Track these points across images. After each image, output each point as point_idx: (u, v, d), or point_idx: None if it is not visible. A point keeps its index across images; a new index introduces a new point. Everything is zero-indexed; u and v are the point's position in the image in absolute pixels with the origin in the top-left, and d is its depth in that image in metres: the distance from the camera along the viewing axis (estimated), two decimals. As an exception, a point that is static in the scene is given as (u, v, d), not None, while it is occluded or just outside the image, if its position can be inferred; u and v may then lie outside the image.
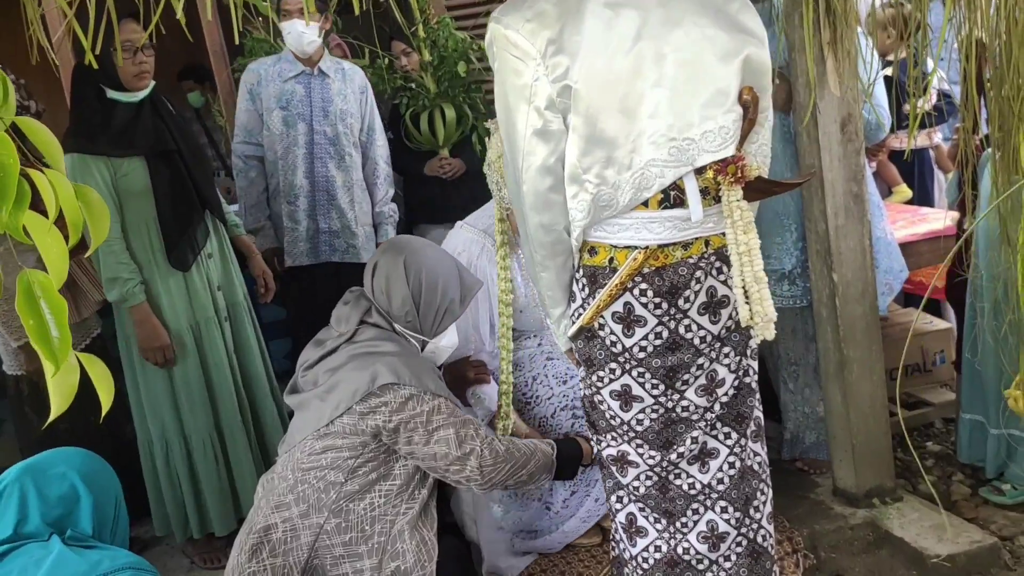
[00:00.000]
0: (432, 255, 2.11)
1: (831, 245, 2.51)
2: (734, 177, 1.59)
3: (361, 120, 3.48)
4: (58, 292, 2.63)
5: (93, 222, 0.90)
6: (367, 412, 1.88)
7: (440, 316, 2.08)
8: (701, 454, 1.80)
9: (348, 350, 1.98)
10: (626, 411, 1.77)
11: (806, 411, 2.93)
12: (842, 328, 2.55)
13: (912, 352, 3.28)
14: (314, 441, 1.92)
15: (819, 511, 2.67)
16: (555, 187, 1.65)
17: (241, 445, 2.83)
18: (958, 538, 2.43)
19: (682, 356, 1.72)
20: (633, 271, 1.66)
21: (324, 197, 3.40)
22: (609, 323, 1.71)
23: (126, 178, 2.59)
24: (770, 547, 1.88)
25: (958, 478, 2.90)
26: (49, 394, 0.85)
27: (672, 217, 1.64)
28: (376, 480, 1.92)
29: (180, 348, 2.71)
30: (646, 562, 1.84)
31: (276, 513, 1.90)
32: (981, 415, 2.79)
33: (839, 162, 2.47)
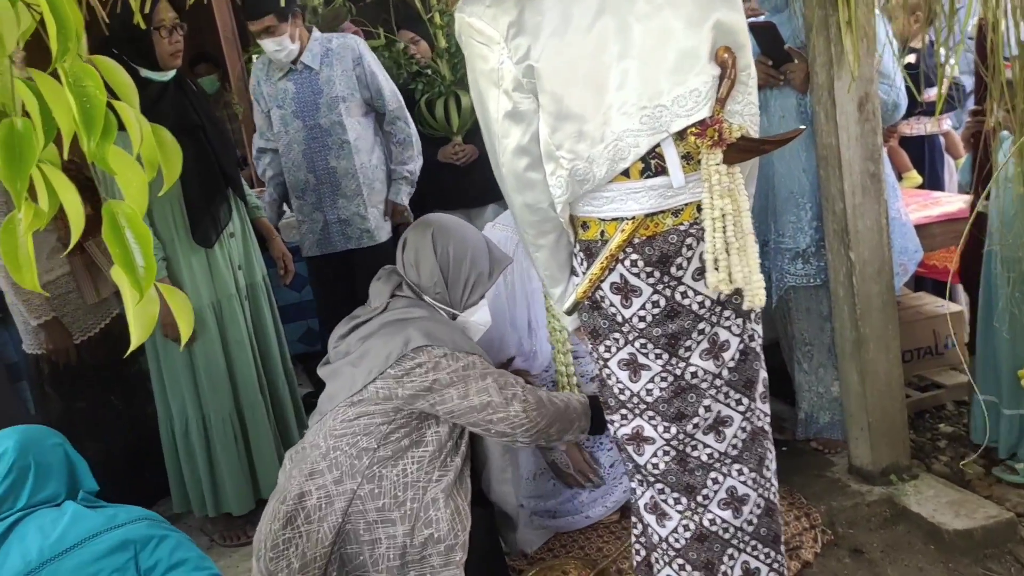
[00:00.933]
0: (460, 229, 2.15)
1: (848, 224, 2.53)
2: (712, 140, 1.59)
3: (363, 90, 3.43)
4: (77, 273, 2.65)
5: (167, 161, 0.92)
6: (402, 375, 1.91)
7: (469, 288, 2.11)
8: (716, 423, 1.81)
9: (380, 319, 2.01)
10: (635, 381, 1.78)
11: (820, 391, 2.95)
12: (859, 307, 2.58)
13: (924, 335, 3.31)
14: (347, 408, 1.95)
15: (835, 489, 2.70)
16: (533, 166, 1.68)
17: (261, 424, 2.86)
18: (975, 513, 2.46)
19: (682, 323, 1.72)
20: (622, 242, 1.67)
21: (328, 189, 3.42)
22: (608, 294, 1.73)
23: None
24: (777, 502, 1.91)
25: (971, 458, 2.92)
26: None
27: (655, 186, 1.65)
28: (408, 447, 1.94)
29: (202, 325, 2.73)
30: (677, 542, 1.85)
31: (310, 480, 1.92)
32: (995, 396, 2.81)
33: (856, 141, 2.49)
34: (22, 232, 0.79)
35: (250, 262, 2.92)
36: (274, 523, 1.91)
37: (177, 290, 0.92)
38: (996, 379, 2.79)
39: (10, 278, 2.67)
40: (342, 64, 3.41)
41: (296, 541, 1.87)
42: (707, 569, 1.83)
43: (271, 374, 2.97)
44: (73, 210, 0.81)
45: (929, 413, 3.26)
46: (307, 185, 3.42)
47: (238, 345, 2.81)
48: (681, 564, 1.85)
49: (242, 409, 2.84)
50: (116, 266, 0.81)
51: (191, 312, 0.92)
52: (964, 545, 2.39)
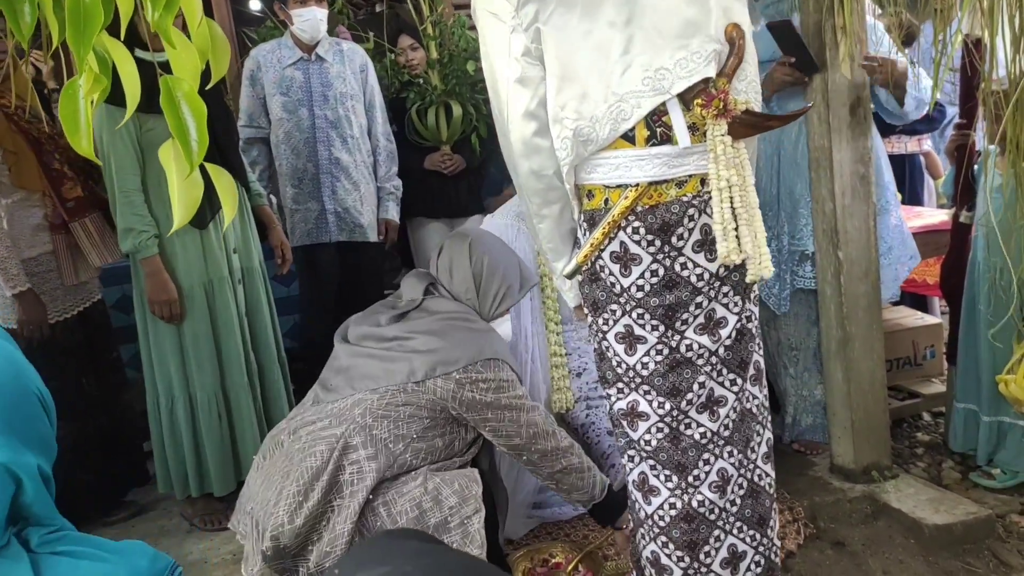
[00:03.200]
0: (496, 243, 2.24)
1: (837, 224, 2.60)
2: (718, 111, 1.64)
3: (364, 99, 3.56)
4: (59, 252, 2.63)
5: (215, 54, 0.95)
6: (466, 383, 1.95)
7: (499, 299, 2.17)
8: (709, 402, 1.83)
9: (441, 316, 2.06)
10: (631, 354, 1.80)
11: (804, 394, 3.00)
12: (845, 306, 2.63)
13: (903, 346, 3.37)
14: (398, 393, 1.95)
15: (818, 486, 2.73)
16: (540, 132, 1.73)
17: (245, 407, 2.85)
18: (954, 509, 2.50)
19: (679, 294, 1.75)
20: (625, 209, 1.71)
21: (329, 179, 3.46)
22: (608, 263, 1.76)
23: (151, 132, 2.63)
24: (768, 486, 1.93)
25: (949, 464, 2.97)
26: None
27: (660, 154, 1.69)
28: (440, 448, 1.99)
29: (191, 305, 2.74)
30: (662, 520, 1.86)
31: (344, 455, 1.89)
32: (974, 404, 2.87)
33: (848, 144, 2.57)
34: (82, 96, 0.81)
35: (247, 247, 2.92)
36: (305, 501, 1.84)
37: (223, 171, 0.94)
38: (976, 387, 2.85)
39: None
40: (351, 66, 3.53)
41: (329, 516, 1.85)
42: (690, 549, 1.84)
43: (262, 359, 2.96)
44: (130, 81, 0.83)
45: (907, 422, 3.32)
46: (305, 174, 3.44)
47: (227, 327, 2.81)
48: (664, 542, 1.86)
49: (228, 390, 2.83)
50: (165, 144, 0.82)
51: (236, 194, 0.94)
52: (943, 540, 2.43)
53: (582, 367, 2.69)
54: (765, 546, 1.93)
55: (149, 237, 2.65)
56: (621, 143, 1.70)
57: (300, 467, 1.88)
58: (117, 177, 2.62)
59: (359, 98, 3.52)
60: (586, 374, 2.71)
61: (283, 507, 1.83)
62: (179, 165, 0.84)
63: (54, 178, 2.75)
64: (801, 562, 2.43)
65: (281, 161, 3.49)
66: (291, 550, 1.85)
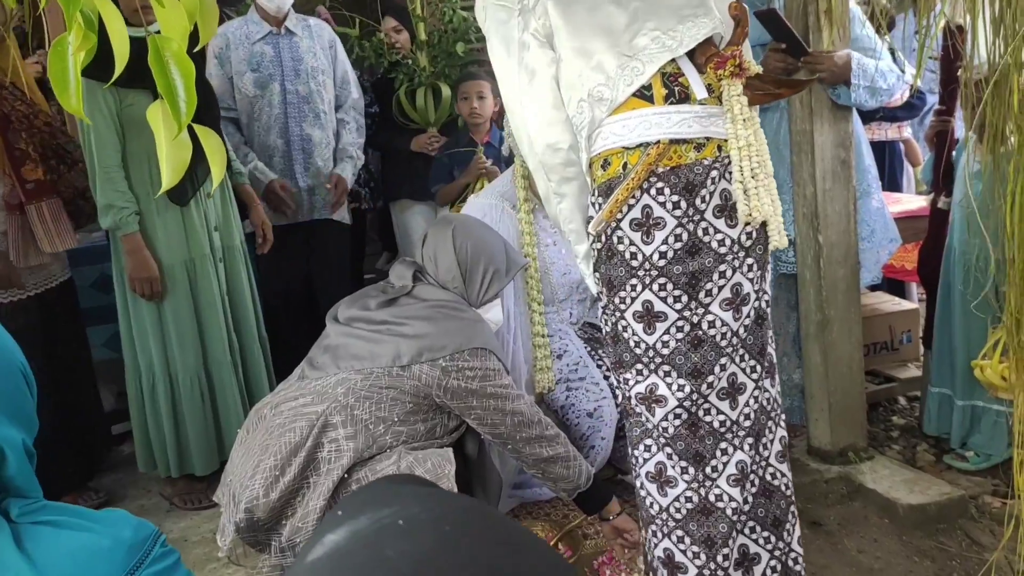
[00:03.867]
0: (480, 227, 2.23)
1: (818, 208, 2.62)
2: (732, 70, 1.65)
3: (333, 74, 3.52)
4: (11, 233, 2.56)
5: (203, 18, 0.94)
6: (452, 370, 1.93)
7: (486, 284, 2.16)
8: (731, 388, 1.79)
9: (431, 302, 2.05)
10: (650, 333, 1.76)
11: (783, 379, 3.02)
12: (825, 289, 2.66)
13: (880, 330, 3.41)
14: (383, 375, 1.94)
15: (795, 467, 2.72)
16: (556, 103, 1.76)
17: (228, 386, 2.84)
18: (928, 490, 2.54)
19: (703, 261, 1.73)
20: (647, 167, 1.69)
21: (300, 156, 3.42)
22: (628, 232, 1.73)
23: (131, 108, 2.60)
24: (783, 487, 1.88)
25: (923, 447, 3.02)
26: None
27: (679, 111, 1.69)
28: (421, 432, 1.99)
29: (172, 282, 2.72)
30: (678, 512, 1.80)
31: (323, 433, 1.89)
32: (949, 388, 2.91)
33: (830, 127, 2.59)
34: (71, 53, 0.80)
35: (228, 224, 2.90)
36: (281, 475, 1.85)
37: (212, 132, 0.93)
38: (951, 371, 2.89)
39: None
40: (320, 41, 3.48)
41: (304, 492, 1.85)
42: (707, 545, 1.78)
43: (243, 338, 2.95)
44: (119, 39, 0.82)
45: (883, 406, 3.37)
46: (275, 150, 3.39)
47: (209, 305, 2.79)
48: (680, 536, 1.80)
49: (210, 369, 2.82)
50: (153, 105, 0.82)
51: (224, 154, 0.93)
52: (917, 519, 2.47)
53: (563, 348, 2.70)
54: (782, 551, 1.87)
55: (130, 214, 2.63)
56: (639, 103, 1.70)
57: (279, 442, 1.89)
58: (97, 153, 2.58)
59: (329, 73, 3.48)
60: (567, 356, 2.72)
61: (259, 480, 1.84)
62: (167, 126, 0.84)
63: (16, 158, 2.69)
64: (778, 541, 2.46)
65: (252, 139, 3.42)
66: (264, 523, 1.86)
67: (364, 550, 0.48)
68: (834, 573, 2.30)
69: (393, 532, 0.49)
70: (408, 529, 0.50)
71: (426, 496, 0.54)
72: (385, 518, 0.50)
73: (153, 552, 1.14)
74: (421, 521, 0.51)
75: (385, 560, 0.47)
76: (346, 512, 0.52)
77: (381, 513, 0.50)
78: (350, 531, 0.51)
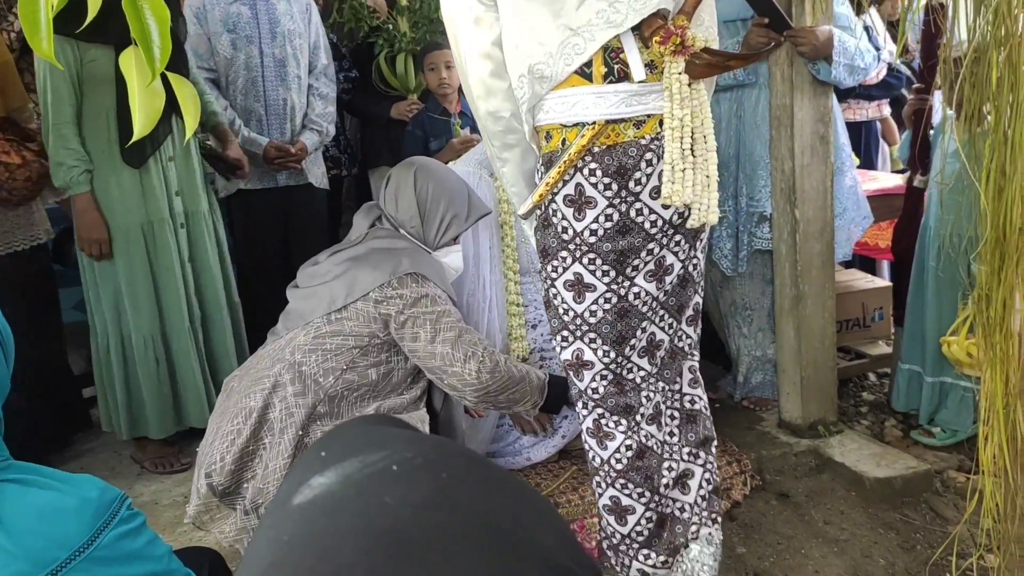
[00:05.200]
0: (443, 171, 2.21)
1: (795, 183, 2.63)
2: (675, 47, 1.62)
3: (309, 39, 3.45)
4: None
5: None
6: (382, 300, 1.92)
7: (444, 227, 2.14)
8: (650, 346, 1.86)
9: (367, 244, 2.04)
10: (579, 302, 1.80)
11: (757, 354, 3.05)
12: (800, 264, 2.68)
13: (853, 307, 3.45)
14: (323, 324, 1.94)
15: (766, 440, 2.80)
16: (496, 72, 1.74)
17: (184, 353, 2.80)
18: (895, 464, 2.58)
19: (632, 240, 1.75)
20: (582, 148, 1.69)
21: (276, 120, 3.36)
22: (561, 207, 1.75)
23: (92, 64, 2.54)
24: (703, 408, 1.97)
25: (891, 423, 3.06)
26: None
27: (618, 91, 1.68)
28: (375, 378, 1.97)
29: (127, 245, 2.68)
30: (619, 463, 1.87)
31: (273, 393, 1.90)
32: (919, 365, 2.95)
33: (810, 102, 2.59)
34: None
35: (192, 189, 2.82)
36: (236, 438, 1.88)
37: (187, 82, 0.91)
38: (922, 348, 2.92)
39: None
40: (297, 4, 3.41)
41: (261, 453, 1.87)
42: (647, 481, 1.89)
43: (206, 305, 2.89)
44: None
45: (853, 382, 3.41)
46: (252, 114, 3.34)
47: (167, 271, 2.73)
48: (623, 483, 1.89)
49: (167, 334, 2.78)
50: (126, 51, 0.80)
51: (198, 104, 0.91)
52: (883, 492, 2.51)
53: (538, 319, 2.70)
54: (712, 464, 1.98)
55: (81, 172, 2.57)
56: (578, 80, 1.69)
57: (236, 407, 1.93)
58: (52, 108, 2.53)
59: (306, 37, 3.41)
60: (541, 326, 2.72)
61: (217, 445, 1.88)
62: (140, 73, 0.81)
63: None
64: (746, 512, 2.49)
65: (229, 102, 3.37)
66: (225, 488, 1.88)
67: (360, 496, 0.47)
68: (800, 543, 2.33)
69: (388, 477, 0.48)
70: (403, 474, 0.48)
71: (415, 440, 0.53)
72: (378, 462, 0.49)
73: (120, 514, 1.14)
74: (416, 467, 0.50)
75: (384, 507, 0.46)
76: (330, 454, 0.51)
77: (372, 457, 0.49)
78: (341, 475, 0.49)
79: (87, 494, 1.16)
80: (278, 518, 0.49)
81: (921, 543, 2.32)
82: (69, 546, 1.07)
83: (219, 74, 3.33)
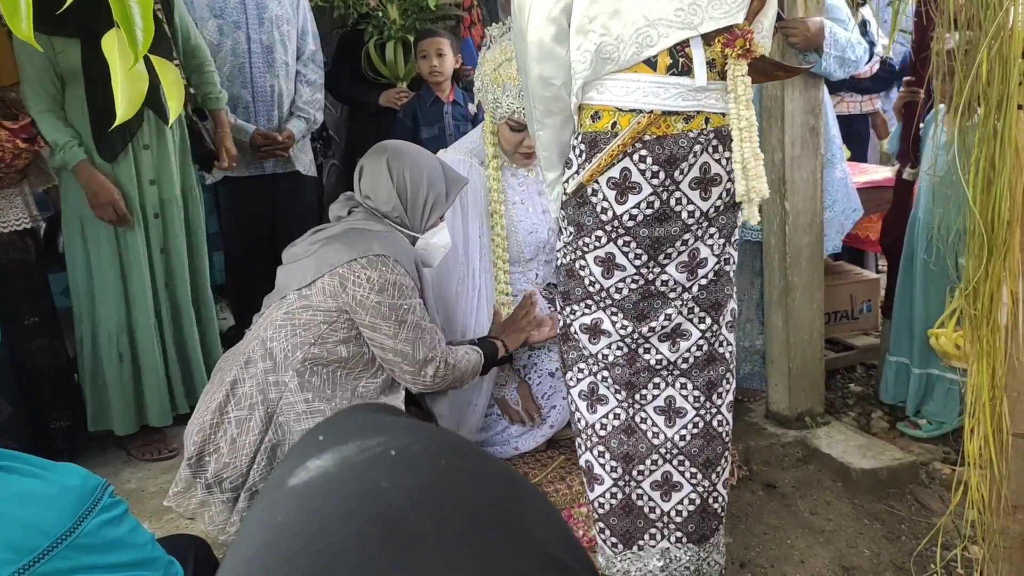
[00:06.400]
0: (414, 152, 2.17)
1: (785, 174, 2.63)
2: (742, 50, 1.64)
3: (297, 25, 3.41)
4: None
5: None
6: (348, 277, 1.92)
7: (428, 209, 2.13)
8: (673, 333, 1.87)
9: (344, 224, 2.04)
10: (607, 278, 1.82)
11: (745, 345, 3.06)
12: (789, 255, 2.68)
13: (841, 299, 3.45)
14: (295, 299, 1.96)
15: (753, 431, 2.81)
16: (558, 37, 1.70)
17: (149, 350, 2.76)
18: (881, 455, 2.60)
19: (669, 228, 1.77)
20: (636, 134, 1.70)
21: (263, 107, 3.34)
22: (603, 189, 1.76)
23: (61, 55, 2.53)
24: (724, 434, 1.96)
25: (877, 415, 3.08)
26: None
27: (678, 84, 1.69)
28: (346, 356, 1.97)
29: (96, 238, 2.66)
30: (604, 429, 1.89)
31: (244, 369, 1.93)
32: (906, 357, 2.96)
33: (800, 94, 2.59)
34: (22, -22, 0.76)
35: (167, 176, 2.77)
36: (205, 413, 1.93)
37: (170, 65, 0.90)
38: (910, 340, 2.93)
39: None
40: None
41: (225, 426, 1.89)
42: (625, 461, 1.89)
43: (177, 298, 2.83)
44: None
45: (840, 373, 3.42)
46: (239, 101, 3.31)
47: (136, 263, 2.70)
48: (601, 451, 1.90)
49: (134, 330, 2.74)
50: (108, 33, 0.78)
51: (182, 88, 0.90)
52: (869, 483, 2.52)
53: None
54: (706, 488, 1.95)
55: (73, 145, 2.56)
56: (642, 67, 1.69)
57: (215, 385, 1.98)
58: (29, 101, 2.53)
59: (293, 23, 3.37)
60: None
61: (194, 421, 1.95)
62: (123, 56, 0.80)
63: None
64: (734, 502, 2.49)
65: None
66: (189, 459, 1.91)
67: (355, 479, 0.47)
68: (786, 534, 2.34)
69: (386, 462, 0.48)
70: (401, 460, 0.48)
71: (413, 427, 0.52)
72: (376, 447, 0.48)
73: (102, 501, 1.13)
74: (414, 453, 0.49)
75: (380, 490, 0.45)
76: (328, 438, 0.50)
77: (370, 441, 0.49)
78: (338, 458, 0.49)
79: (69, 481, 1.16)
80: (273, 499, 0.49)
81: (906, 534, 2.34)
82: (51, 533, 1.06)
83: None
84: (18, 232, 2.85)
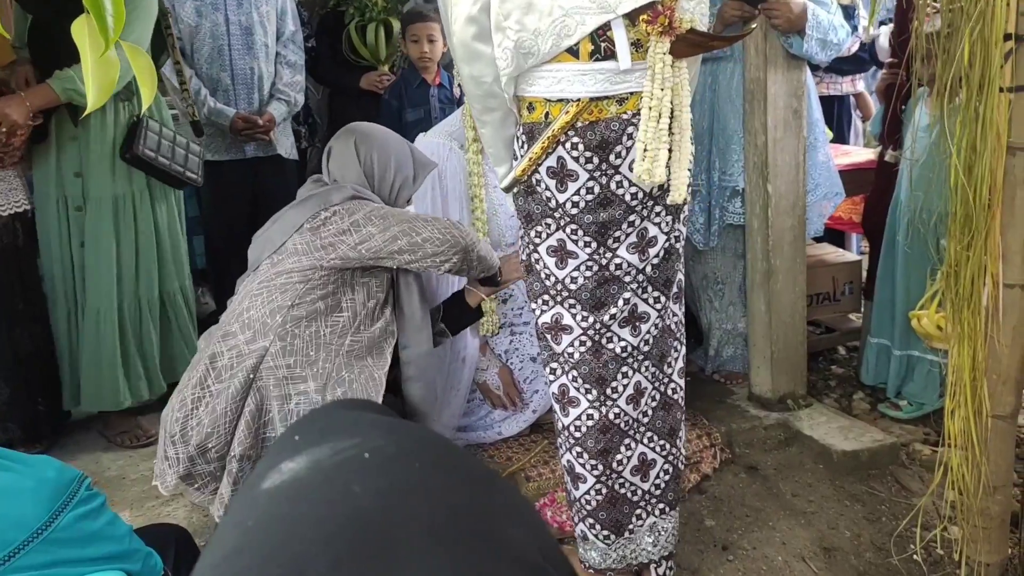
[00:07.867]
0: (382, 135, 2.17)
1: (768, 157, 2.62)
2: (663, 28, 1.61)
3: (276, 6, 3.36)
4: None
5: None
6: (318, 226, 1.94)
7: (395, 192, 2.14)
8: (632, 317, 1.87)
9: (306, 190, 2.08)
10: (561, 268, 1.82)
11: (728, 328, 3.06)
12: (771, 238, 2.68)
13: (823, 281, 3.46)
14: (267, 267, 1.97)
15: (736, 413, 2.82)
16: (480, 36, 1.70)
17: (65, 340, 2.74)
18: (862, 437, 2.61)
19: (613, 212, 1.77)
20: (565, 124, 1.70)
21: (244, 90, 3.29)
22: (544, 178, 1.76)
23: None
24: (680, 399, 1.99)
25: (859, 396, 3.10)
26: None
27: (603, 69, 1.68)
28: (323, 310, 1.96)
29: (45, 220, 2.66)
30: (578, 430, 1.91)
31: (223, 342, 1.93)
32: (888, 339, 2.98)
33: (783, 76, 2.58)
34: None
35: (101, 173, 2.63)
36: (184, 390, 1.93)
37: (142, 52, 0.88)
38: (891, 322, 2.95)
39: None
40: None
41: (206, 399, 1.89)
42: (602, 457, 1.91)
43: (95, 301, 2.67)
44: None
45: (822, 355, 3.44)
46: (218, 83, 3.26)
47: (51, 255, 2.68)
48: (579, 452, 1.92)
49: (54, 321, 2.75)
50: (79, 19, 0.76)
51: (154, 76, 0.88)
52: (850, 465, 2.54)
53: (507, 293, 2.69)
54: (674, 455, 2.00)
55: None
56: (564, 56, 1.68)
57: (194, 363, 1.99)
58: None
59: (273, 4, 3.33)
60: (511, 300, 2.72)
61: (176, 397, 1.95)
62: (93, 43, 0.78)
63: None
64: (716, 485, 2.51)
65: (195, 71, 3.28)
66: (172, 435, 1.91)
67: (327, 483, 0.46)
68: (768, 516, 2.35)
69: (358, 465, 0.47)
70: (374, 463, 0.47)
71: (389, 427, 0.51)
72: (348, 449, 0.47)
73: (79, 494, 1.12)
74: (388, 455, 0.49)
75: (350, 495, 0.45)
76: (304, 439, 0.49)
77: (343, 444, 0.48)
78: (311, 460, 0.48)
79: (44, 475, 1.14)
80: (245, 503, 0.48)
81: (886, 515, 2.36)
82: (26, 527, 1.05)
83: (184, 42, 3.24)
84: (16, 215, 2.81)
